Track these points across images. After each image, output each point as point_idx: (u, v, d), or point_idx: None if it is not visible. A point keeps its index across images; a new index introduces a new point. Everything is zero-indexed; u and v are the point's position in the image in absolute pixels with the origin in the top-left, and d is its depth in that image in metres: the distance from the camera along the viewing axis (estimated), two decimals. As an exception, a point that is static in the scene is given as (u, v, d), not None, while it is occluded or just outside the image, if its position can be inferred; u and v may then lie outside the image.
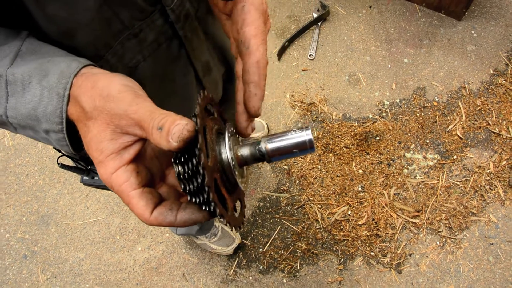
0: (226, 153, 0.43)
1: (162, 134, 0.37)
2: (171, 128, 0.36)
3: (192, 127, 0.37)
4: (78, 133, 0.48)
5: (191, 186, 0.40)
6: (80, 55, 0.56)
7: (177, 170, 0.40)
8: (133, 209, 0.42)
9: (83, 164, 0.79)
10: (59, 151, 0.77)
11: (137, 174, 0.42)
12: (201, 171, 0.37)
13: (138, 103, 0.40)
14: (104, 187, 0.80)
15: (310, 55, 2.29)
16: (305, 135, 0.44)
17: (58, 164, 0.78)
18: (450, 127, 2.07)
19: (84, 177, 0.79)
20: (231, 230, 1.91)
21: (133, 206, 0.41)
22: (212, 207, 0.39)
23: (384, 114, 2.13)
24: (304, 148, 0.44)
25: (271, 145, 0.45)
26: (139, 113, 0.39)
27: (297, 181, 2.03)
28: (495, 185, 1.94)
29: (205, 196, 0.38)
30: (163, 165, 0.49)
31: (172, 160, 0.41)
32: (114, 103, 0.40)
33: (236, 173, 0.44)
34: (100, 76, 0.43)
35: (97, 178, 0.79)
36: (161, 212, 0.42)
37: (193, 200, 0.40)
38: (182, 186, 0.41)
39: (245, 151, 0.46)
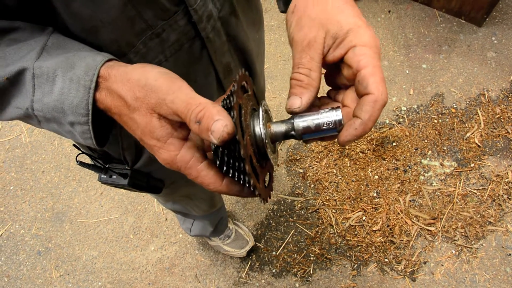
0: (260, 128, 0.45)
1: (202, 128, 0.39)
2: (210, 125, 0.39)
3: (231, 129, 0.39)
4: (102, 127, 0.50)
5: (231, 170, 0.44)
6: (104, 52, 0.57)
7: (217, 162, 0.45)
8: (203, 179, 0.45)
9: (101, 162, 0.79)
10: (78, 148, 0.77)
11: (198, 148, 0.46)
12: (242, 165, 0.41)
13: (175, 91, 0.42)
14: (120, 186, 0.79)
15: (327, 59, 2.28)
16: (335, 115, 0.46)
17: (77, 161, 0.78)
18: (468, 134, 2.04)
19: (102, 176, 0.79)
20: (261, 202, 1.91)
21: (204, 177, 0.45)
22: (251, 187, 0.43)
23: (401, 119, 2.11)
24: (333, 127, 0.47)
25: (302, 123, 0.47)
26: (176, 103, 0.41)
27: (312, 185, 2.02)
28: (513, 194, 1.91)
29: (247, 179, 0.42)
30: None
31: (213, 151, 0.46)
32: (153, 92, 0.42)
33: (268, 148, 0.46)
34: (131, 68, 0.45)
35: (115, 177, 0.79)
36: (230, 181, 0.46)
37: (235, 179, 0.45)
38: (224, 169, 0.45)
39: (277, 128, 0.48)
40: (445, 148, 2.03)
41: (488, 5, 2.16)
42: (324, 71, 0.53)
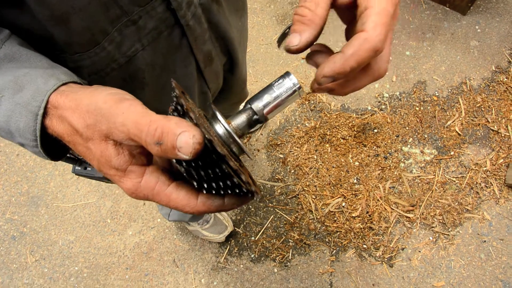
0: (223, 126, 0.42)
1: (165, 148, 0.34)
2: (175, 142, 0.33)
3: (200, 137, 0.34)
4: (55, 143, 0.45)
5: (214, 185, 0.39)
6: (74, 41, 0.53)
7: (195, 182, 0.39)
8: (176, 203, 0.40)
9: (75, 154, 0.76)
10: None
11: (162, 171, 0.41)
12: (223, 167, 0.36)
13: (124, 111, 0.36)
14: (96, 178, 0.76)
15: (310, 44, 2.25)
16: (289, 80, 0.44)
17: None
18: (449, 122, 2.05)
19: (76, 167, 0.76)
20: (257, 200, 1.83)
21: (175, 200, 0.40)
22: (252, 192, 0.38)
23: (383, 106, 2.10)
24: (293, 92, 0.44)
25: (262, 103, 0.44)
26: (126, 125, 0.36)
27: (292, 171, 2.00)
28: (491, 183, 1.92)
29: (235, 182, 0.37)
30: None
31: (185, 174, 0.39)
32: (103, 116, 0.37)
33: (239, 142, 0.43)
34: (82, 94, 0.40)
35: (89, 168, 0.76)
36: (208, 197, 0.41)
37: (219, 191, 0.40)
38: (205, 187, 0.39)
39: (238, 120, 0.45)
40: (426, 136, 2.03)
41: (473, -7, 2.15)
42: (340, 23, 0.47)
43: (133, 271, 1.90)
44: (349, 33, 0.47)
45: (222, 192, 0.40)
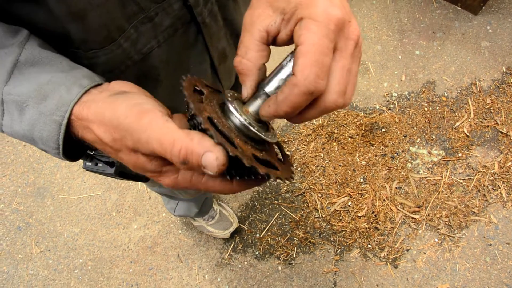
0: (237, 117, 0.42)
1: (191, 166, 0.37)
2: (200, 162, 0.36)
3: (223, 159, 0.36)
4: (75, 144, 0.47)
5: (245, 176, 0.43)
6: (91, 38, 0.53)
7: (227, 176, 0.44)
8: (214, 189, 0.43)
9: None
10: None
11: None
12: (253, 170, 0.38)
13: (146, 128, 0.37)
14: (107, 174, 0.76)
15: (320, 41, 2.23)
16: None
17: None
18: (457, 123, 2.03)
19: (87, 163, 0.75)
20: (284, 182, 1.88)
21: (213, 187, 0.43)
22: (275, 180, 0.41)
23: (391, 106, 2.09)
24: None
25: (274, 85, 0.42)
26: (150, 143, 0.37)
27: (299, 168, 2.00)
28: (498, 185, 1.91)
29: (266, 177, 0.40)
30: None
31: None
32: (127, 133, 0.38)
33: (256, 129, 0.42)
34: (102, 105, 0.41)
35: (100, 165, 0.75)
36: (241, 180, 0.44)
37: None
38: (237, 178, 0.43)
39: (254, 107, 0.44)
40: (433, 137, 2.02)
41: (486, -8, 2.13)
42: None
43: (137, 265, 1.90)
44: None
45: (253, 177, 0.43)
